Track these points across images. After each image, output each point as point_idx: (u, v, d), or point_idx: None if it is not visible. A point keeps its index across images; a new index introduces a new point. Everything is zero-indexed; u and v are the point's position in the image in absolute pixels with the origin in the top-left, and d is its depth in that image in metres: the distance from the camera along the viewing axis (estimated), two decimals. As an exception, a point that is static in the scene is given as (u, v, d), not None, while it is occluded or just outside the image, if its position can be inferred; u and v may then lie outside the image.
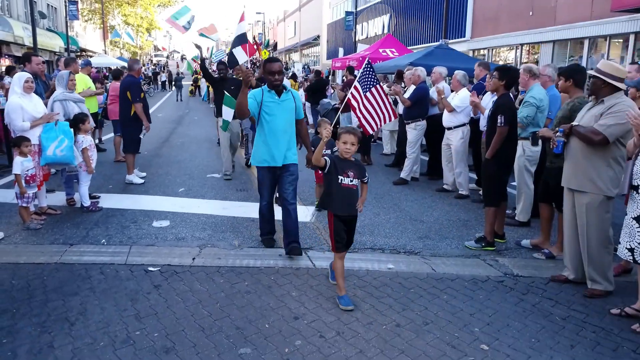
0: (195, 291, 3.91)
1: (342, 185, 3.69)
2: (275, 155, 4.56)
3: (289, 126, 4.63)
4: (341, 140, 3.69)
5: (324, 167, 3.71)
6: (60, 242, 4.94)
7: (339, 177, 3.69)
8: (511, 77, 4.98)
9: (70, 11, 27.81)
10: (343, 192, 3.71)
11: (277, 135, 4.53)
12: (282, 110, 4.55)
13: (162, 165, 9.02)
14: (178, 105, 24.71)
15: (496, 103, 4.98)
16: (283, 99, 4.56)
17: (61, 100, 6.10)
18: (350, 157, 3.73)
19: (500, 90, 4.97)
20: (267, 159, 4.59)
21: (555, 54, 16.90)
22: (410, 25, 27.40)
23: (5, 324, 3.35)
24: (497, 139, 4.80)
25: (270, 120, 4.53)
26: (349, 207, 3.74)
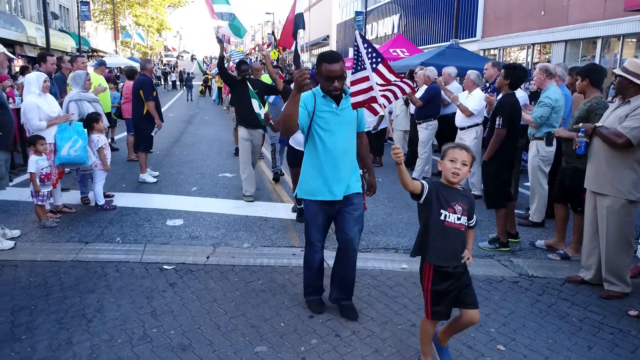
0: (210, 289, 3.93)
1: (446, 225, 2.68)
2: (333, 186, 3.36)
3: (350, 144, 3.43)
4: (447, 158, 2.69)
5: (420, 195, 2.71)
6: (75, 240, 4.99)
7: (442, 213, 2.68)
8: (516, 77, 4.91)
9: (82, 12, 28.05)
10: (446, 235, 2.69)
11: (335, 158, 3.33)
12: (341, 123, 3.35)
13: (174, 165, 9.07)
14: (188, 105, 24.84)
15: (498, 103, 4.96)
16: (342, 107, 3.36)
17: (76, 100, 6.15)
18: (458, 184, 2.76)
19: (504, 89, 4.93)
20: (323, 191, 3.38)
21: (568, 54, 16.77)
22: (420, 25, 27.34)
23: (24, 320, 3.39)
24: (494, 140, 4.78)
25: (326, 138, 3.31)
26: (454, 255, 2.72)
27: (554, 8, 16.82)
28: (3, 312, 3.48)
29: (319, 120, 3.31)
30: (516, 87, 5.02)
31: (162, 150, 10.55)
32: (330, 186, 3.35)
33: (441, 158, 2.76)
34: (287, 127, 3.19)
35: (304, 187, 3.47)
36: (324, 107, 3.33)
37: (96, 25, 38.93)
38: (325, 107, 3.33)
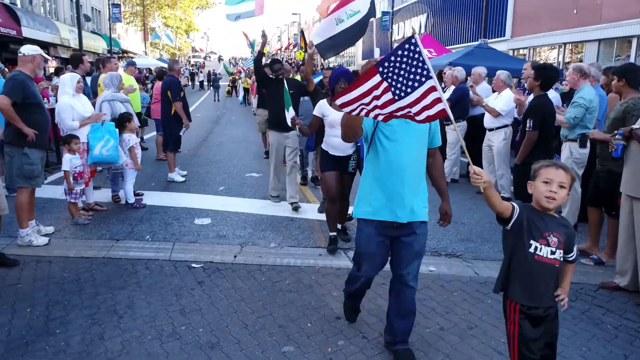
0: (238, 288, 3.96)
1: (536, 258, 2.26)
2: (396, 206, 2.85)
3: (418, 159, 2.91)
4: (540, 179, 2.27)
5: (508, 219, 2.29)
6: (107, 237, 5.10)
7: (532, 244, 2.26)
8: (547, 77, 4.80)
9: (114, 14, 28.70)
10: (536, 270, 2.27)
11: (400, 173, 2.83)
12: (410, 133, 2.84)
13: (201, 164, 9.19)
14: (215, 105, 25.12)
15: (529, 105, 4.86)
16: None
17: (109, 100, 6.29)
18: (554, 211, 2.32)
19: (535, 91, 4.83)
20: (383, 210, 2.87)
21: (601, 54, 16.33)
22: (448, 25, 27.03)
23: (58, 314, 3.48)
24: (525, 143, 4.69)
25: (391, 149, 2.83)
26: (545, 295, 2.29)
27: (586, 6, 16.40)
28: (38, 307, 3.57)
29: (385, 128, 2.82)
30: (548, 88, 4.90)
31: (190, 150, 10.69)
32: (392, 206, 2.85)
33: (532, 178, 2.33)
34: (350, 130, 2.73)
35: (361, 204, 2.97)
36: None
37: (126, 27, 39.77)
38: None
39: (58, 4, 26.26)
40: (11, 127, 4.63)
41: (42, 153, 4.96)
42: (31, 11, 22.01)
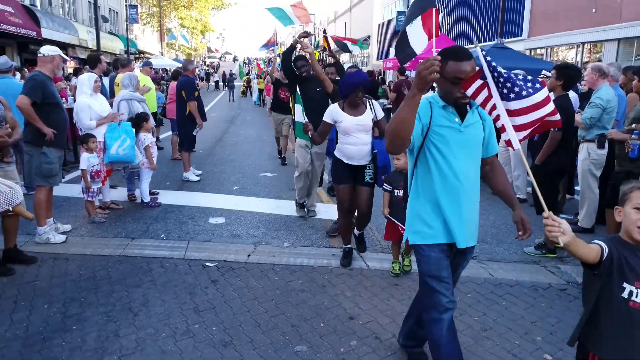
0: (251, 287, 3.97)
1: (631, 306, 1.83)
2: (455, 227, 2.51)
3: (475, 172, 2.57)
4: (631, 204, 1.88)
5: (597, 264, 1.87)
6: (122, 235, 5.16)
7: (625, 287, 1.84)
8: (569, 77, 4.71)
9: (131, 15, 29.03)
10: (631, 320, 1.84)
11: (456, 190, 2.48)
12: (465, 144, 2.48)
13: (216, 164, 9.24)
14: (230, 105, 25.26)
15: None
16: (468, 122, 2.48)
17: (127, 99, 6.37)
18: None
19: (557, 91, 4.74)
20: (443, 232, 2.53)
21: (620, 53, 16.05)
22: (464, 24, 26.81)
23: (74, 311, 3.53)
24: (548, 144, 4.59)
25: (443, 162, 2.46)
26: None
27: (606, 5, 16.13)
28: (55, 303, 3.63)
29: (435, 138, 2.45)
30: (569, 87, 4.82)
31: (205, 149, 10.77)
32: (451, 226, 2.51)
33: (620, 202, 1.95)
34: (399, 140, 2.25)
35: (418, 227, 2.57)
36: (443, 121, 2.45)
37: (143, 28, 40.20)
38: (444, 121, 2.45)
39: (77, 5, 26.65)
40: (30, 127, 4.71)
41: (60, 152, 5.04)
42: (50, 12, 22.36)
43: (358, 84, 4.12)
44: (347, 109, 4.23)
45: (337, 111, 4.26)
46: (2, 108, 4.19)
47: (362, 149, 4.26)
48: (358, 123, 4.19)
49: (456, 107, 2.47)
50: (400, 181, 4.16)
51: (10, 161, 4.18)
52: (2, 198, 3.56)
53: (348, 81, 4.20)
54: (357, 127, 4.20)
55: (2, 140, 3.93)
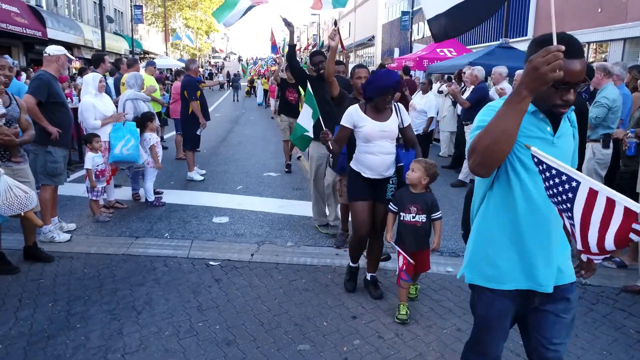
0: (255, 286, 3.98)
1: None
2: (538, 266, 1.94)
3: None
4: None
5: None
6: (126, 234, 5.17)
7: None
8: None
9: (136, 15, 29.12)
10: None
11: (546, 219, 1.92)
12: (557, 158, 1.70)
13: (220, 164, 9.26)
14: (235, 105, 25.30)
15: None
16: (561, 132, 1.96)
17: (132, 99, 6.40)
18: None
19: None
20: (514, 274, 1.98)
21: (626, 53, 15.97)
22: (468, 24, 26.72)
23: (78, 309, 3.54)
24: None
25: (531, 183, 1.89)
26: None
27: (611, 4, 16.05)
28: (60, 302, 3.65)
29: (521, 153, 1.88)
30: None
31: (209, 149, 10.79)
32: (532, 266, 1.94)
33: None
34: (492, 158, 1.72)
35: (480, 264, 2.04)
36: (532, 131, 1.89)
37: (148, 28, 40.31)
38: (535, 131, 1.90)
39: (82, 5, 26.76)
40: (36, 126, 4.73)
41: (65, 151, 5.06)
42: (56, 13, 22.47)
43: (389, 87, 3.54)
44: (370, 112, 3.66)
45: (359, 114, 3.64)
46: (18, 110, 4.22)
47: (385, 160, 3.66)
48: (382, 129, 3.61)
49: (549, 114, 1.90)
50: (411, 204, 3.44)
51: (20, 160, 4.20)
52: (17, 203, 3.59)
53: (378, 83, 3.55)
54: (382, 133, 3.60)
55: (7, 139, 3.95)
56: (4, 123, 4.04)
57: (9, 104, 4.13)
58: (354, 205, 3.75)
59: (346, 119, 3.68)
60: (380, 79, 3.56)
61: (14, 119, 4.17)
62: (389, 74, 3.65)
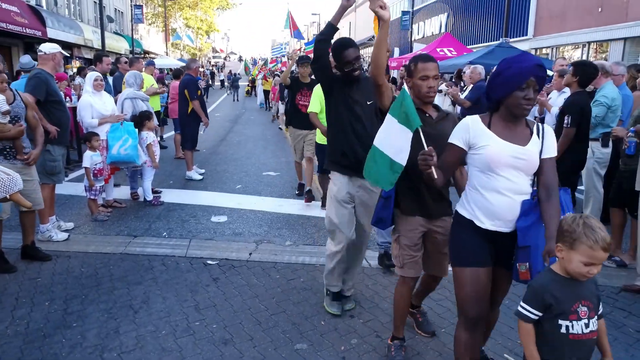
0: (252, 285, 3.96)
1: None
2: None
3: None
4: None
5: None
6: (125, 233, 5.16)
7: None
8: (586, 73, 4.65)
9: (136, 15, 29.12)
10: None
11: None
12: None
13: (219, 163, 9.25)
14: (234, 105, 25.29)
15: (567, 101, 4.73)
16: None
17: (131, 98, 6.38)
18: None
19: (573, 87, 4.71)
20: None
21: (627, 53, 15.95)
22: (469, 24, 26.73)
23: (75, 308, 3.53)
24: (562, 140, 4.54)
25: None
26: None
27: (612, 4, 16.03)
28: (57, 300, 3.63)
29: None
30: (586, 84, 4.77)
31: (209, 148, 10.78)
32: None
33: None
34: None
35: None
36: None
37: (148, 28, 40.32)
38: None
39: (82, 5, 26.76)
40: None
41: (63, 150, 5.05)
42: (56, 12, 22.46)
43: (528, 74, 2.26)
44: (497, 125, 2.36)
45: (479, 128, 2.37)
46: (23, 106, 4.20)
47: (513, 205, 2.33)
48: (517, 155, 2.31)
49: None
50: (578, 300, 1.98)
51: (25, 158, 4.19)
52: (0, 185, 3.52)
53: (511, 72, 2.28)
54: (515, 161, 2.31)
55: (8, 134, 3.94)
56: (9, 120, 4.03)
57: (12, 100, 4.12)
58: (460, 273, 2.47)
59: (458, 134, 2.41)
60: (511, 65, 2.31)
61: (20, 116, 4.16)
62: (525, 56, 2.41)
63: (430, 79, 2.74)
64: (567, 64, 6.77)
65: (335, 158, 3.45)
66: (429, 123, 2.77)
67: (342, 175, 3.41)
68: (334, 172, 3.48)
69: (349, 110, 3.34)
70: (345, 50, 3.30)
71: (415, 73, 2.77)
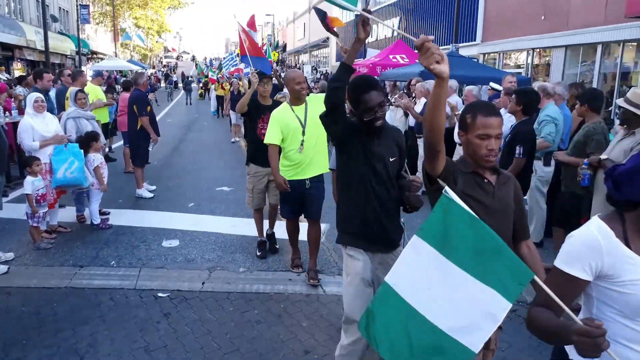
0: (205, 321, 3.88)
1: None
2: None
3: None
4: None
5: None
6: (70, 263, 4.95)
7: None
8: (529, 101, 4.67)
9: (82, 15, 28.05)
10: None
11: None
12: None
13: (172, 177, 9.03)
14: (188, 109, 24.80)
15: (515, 130, 4.68)
16: None
17: (74, 117, 6.12)
18: None
19: (518, 116, 4.74)
20: None
21: (568, 59, 16.71)
22: (420, 28, 27.25)
23: (15, 356, 3.35)
24: (513, 170, 4.54)
25: None
26: None
27: (554, 13, 16.74)
28: (-6, 348, 3.44)
29: None
30: (530, 112, 4.74)
31: (160, 160, 10.49)
32: None
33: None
34: None
35: None
36: None
37: (96, 28, 38.91)
38: None
39: (23, 4, 25.49)
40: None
41: (1, 178, 4.79)
42: (-6, 12, 21.33)
43: None
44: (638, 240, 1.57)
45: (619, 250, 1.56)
46: None
47: None
48: None
49: None
50: None
51: None
52: None
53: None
54: None
55: None
56: None
57: None
58: None
59: (581, 258, 1.60)
60: None
61: None
62: None
63: (492, 138, 2.15)
64: (515, 81, 7.01)
65: (352, 228, 2.84)
66: (487, 191, 2.22)
67: (361, 251, 2.83)
68: (350, 247, 2.86)
69: (369, 168, 2.73)
70: (366, 94, 2.65)
71: (471, 128, 2.18)
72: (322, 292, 4.43)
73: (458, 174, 2.21)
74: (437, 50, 1.79)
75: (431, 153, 2.13)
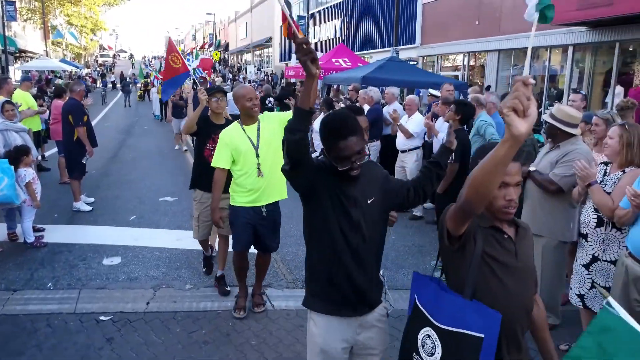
0: (151, 344, 3.78)
1: None
2: None
3: None
4: None
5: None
6: (2, 288, 4.66)
7: None
8: (467, 112, 5.16)
9: (8, 12, 26.35)
10: None
11: None
12: None
13: (111, 187, 8.70)
14: (127, 111, 23.94)
15: None
16: None
17: (2, 130, 5.77)
18: None
19: (455, 125, 5.05)
20: None
21: (501, 62, 17.55)
22: (361, 31, 27.68)
23: (-58, 396, 3.13)
24: (447, 177, 4.88)
25: None
26: None
27: (487, 18, 17.50)
28: None
29: None
30: (466, 122, 5.27)
31: (98, 168, 10.06)
32: None
33: None
34: None
35: None
36: None
37: (24, 25, 36.71)
38: None
39: (-60, -1, 23.67)
40: None
41: None
42: None
43: None
44: None
45: None
46: None
47: None
48: None
49: None
50: None
51: None
52: None
53: None
54: None
55: None
56: None
57: None
58: None
59: None
60: None
61: None
62: None
63: (510, 187, 1.86)
64: (452, 89, 7.29)
65: (318, 289, 2.36)
66: (509, 249, 1.91)
67: (330, 316, 2.32)
68: (315, 312, 2.36)
69: (342, 214, 2.23)
70: (343, 141, 2.11)
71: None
72: (271, 307, 4.42)
73: (477, 230, 1.89)
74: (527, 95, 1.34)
75: (464, 215, 1.78)
